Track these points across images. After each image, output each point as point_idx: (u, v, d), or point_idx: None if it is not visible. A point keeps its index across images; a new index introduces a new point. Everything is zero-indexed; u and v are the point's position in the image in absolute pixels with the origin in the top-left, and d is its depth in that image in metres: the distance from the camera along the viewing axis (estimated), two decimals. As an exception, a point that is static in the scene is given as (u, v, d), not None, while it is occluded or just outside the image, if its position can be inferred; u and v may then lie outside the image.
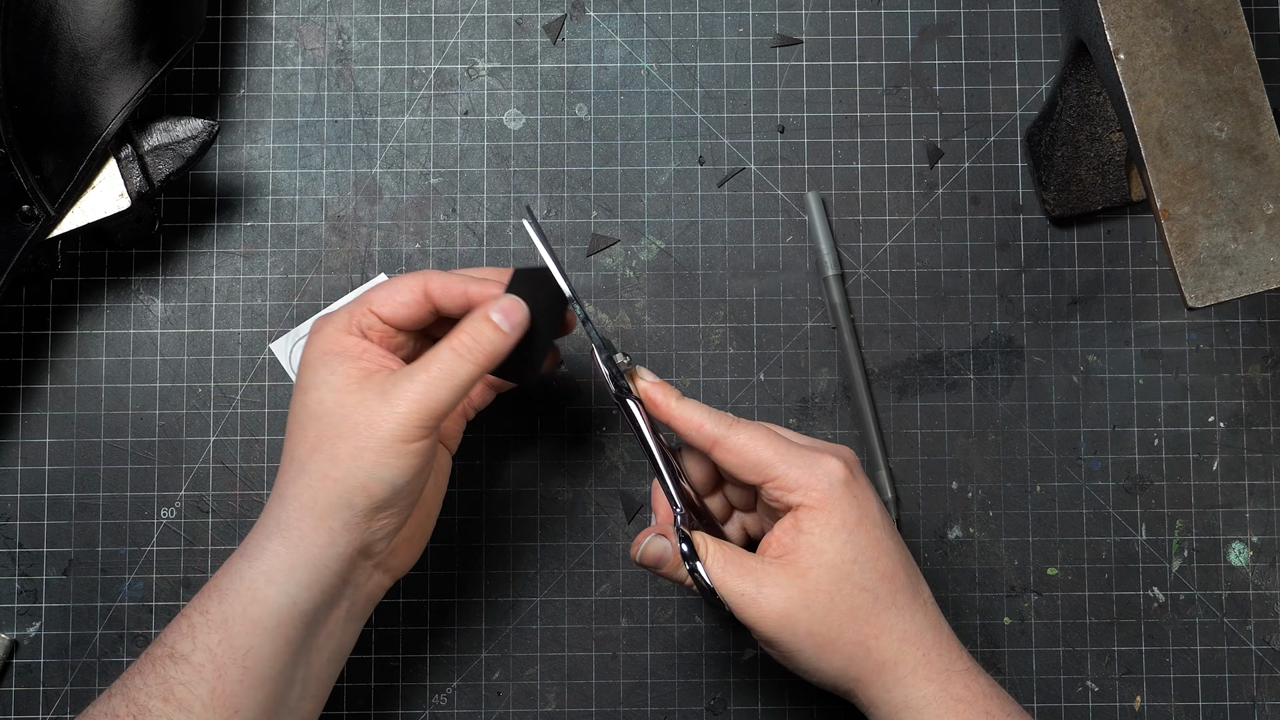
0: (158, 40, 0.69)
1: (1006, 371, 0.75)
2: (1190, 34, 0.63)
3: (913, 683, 0.60)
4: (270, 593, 0.59)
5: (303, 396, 0.61)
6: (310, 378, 0.61)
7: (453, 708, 0.73)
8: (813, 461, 0.61)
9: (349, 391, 0.59)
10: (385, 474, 0.59)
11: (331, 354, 0.61)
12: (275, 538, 0.59)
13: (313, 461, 0.59)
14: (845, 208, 0.76)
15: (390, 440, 0.58)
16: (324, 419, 0.59)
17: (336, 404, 0.59)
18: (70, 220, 0.69)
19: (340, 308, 0.63)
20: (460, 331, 0.60)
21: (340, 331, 0.61)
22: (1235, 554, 0.74)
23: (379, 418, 0.58)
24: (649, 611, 0.74)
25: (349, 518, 0.59)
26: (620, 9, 0.76)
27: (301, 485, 0.59)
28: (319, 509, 0.59)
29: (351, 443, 0.58)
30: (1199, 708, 0.73)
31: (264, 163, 0.75)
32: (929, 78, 0.76)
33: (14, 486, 0.73)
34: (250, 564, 0.59)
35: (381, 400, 0.59)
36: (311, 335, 0.62)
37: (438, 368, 0.59)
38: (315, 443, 0.59)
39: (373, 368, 0.60)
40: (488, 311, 0.61)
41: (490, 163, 0.76)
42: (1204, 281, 0.62)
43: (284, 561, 0.59)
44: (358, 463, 0.58)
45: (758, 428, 0.62)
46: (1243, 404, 0.75)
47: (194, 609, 0.60)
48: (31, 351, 0.74)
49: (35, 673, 0.73)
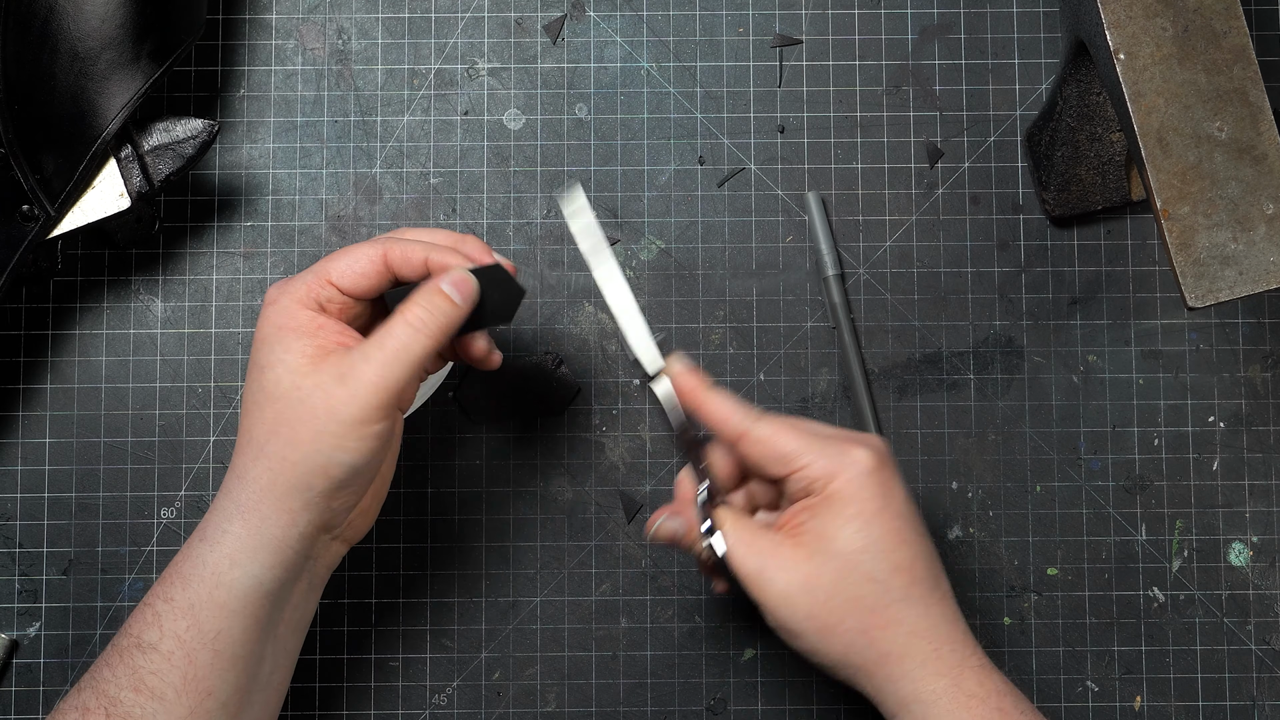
0: (158, 40, 0.69)
1: (1006, 371, 0.75)
2: (1190, 34, 0.63)
3: (921, 676, 0.59)
4: (235, 575, 0.58)
5: (259, 375, 0.60)
6: (266, 355, 0.60)
7: (453, 708, 0.73)
8: (840, 451, 0.60)
9: (305, 373, 0.59)
10: (345, 457, 0.58)
11: (287, 329, 0.60)
12: (236, 520, 0.59)
13: (271, 444, 0.59)
14: (845, 208, 0.76)
15: (350, 424, 0.58)
16: (281, 400, 0.59)
17: (293, 385, 0.59)
18: (70, 220, 0.69)
19: (297, 277, 0.61)
20: (413, 304, 0.60)
21: (297, 304, 0.60)
22: (1235, 554, 0.74)
23: (337, 401, 0.58)
24: (649, 611, 0.74)
25: (309, 498, 0.59)
26: (620, 9, 0.76)
27: (261, 467, 0.59)
28: (278, 491, 0.58)
29: (310, 426, 0.58)
30: (1199, 708, 0.73)
31: (264, 163, 0.75)
32: (929, 78, 0.76)
33: (14, 486, 0.73)
34: (212, 548, 0.59)
35: (339, 383, 0.58)
36: (266, 306, 0.61)
37: (393, 344, 0.59)
38: (273, 424, 0.59)
39: (329, 345, 0.59)
40: (439, 283, 0.60)
41: (490, 163, 0.76)
42: (1204, 281, 0.62)
43: (246, 544, 0.59)
44: (317, 446, 0.58)
45: (784, 420, 0.61)
46: (1243, 404, 0.75)
47: (156, 597, 0.59)
48: (31, 351, 0.74)
49: (35, 673, 0.73)
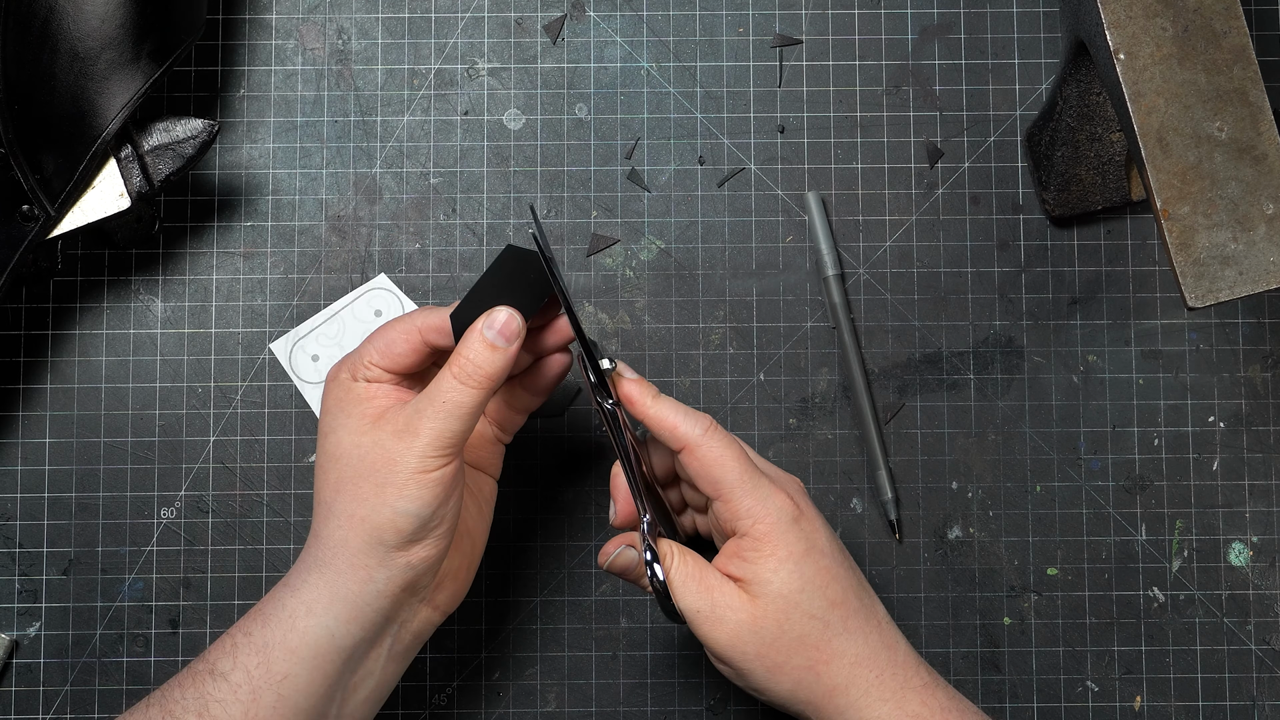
0: (158, 40, 0.69)
1: (1006, 371, 0.75)
2: (1190, 34, 0.63)
3: (866, 704, 0.60)
4: (309, 623, 0.60)
5: (323, 442, 0.62)
6: (328, 423, 0.62)
7: (453, 708, 0.73)
8: (766, 494, 0.61)
9: (364, 432, 0.61)
10: (409, 506, 0.59)
11: (345, 400, 0.62)
12: (314, 572, 0.61)
13: (339, 502, 0.60)
14: (845, 208, 0.76)
15: (409, 473, 0.59)
16: (343, 460, 0.61)
17: (353, 444, 0.61)
18: (70, 220, 0.69)
19: (347, 357, 0.64)
20: (459, 356, 0.61)
21: (350, 380, 0.63)
22: (1235, 554, 0.74)
23: (394, 453, 0.60)
24: (649, 611, 0.74)
25: (382, 554, 0.60)
26: (620, 9, 0.76)
27: (332, 526, 0.61)
28: (352, 548, 0.60)
29: (372, 481, 0.60)
30: (1199, 708, 0.73)
31: (264, 163, 0.75)
32: (929, 78, 0.76)
33: (14, 486, 0.73)
34: (292, 593, 0.61)
35: (395, 438, 0.60)
36: (326, 384, 0.64)
37: (443, 398, 0.60)
38: (338, 484, 0.61)
39: (386, 404, 0.62)
40: (481, 330, 0.61)
41: (490, 163, 0.76)
42: (1204, 281, 0.62)
43: (323, 594, 0.60)
44: (382, 499, 0.59)
45: (727, 445, 0.62)
46: (1243, 404, 0.75)
47: (238, 629, 0.61)
48: (31, 351, 0.74)
49: (35, 673, 0.73)
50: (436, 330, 0.63)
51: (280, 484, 0.74)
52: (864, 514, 0.74)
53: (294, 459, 0.74)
